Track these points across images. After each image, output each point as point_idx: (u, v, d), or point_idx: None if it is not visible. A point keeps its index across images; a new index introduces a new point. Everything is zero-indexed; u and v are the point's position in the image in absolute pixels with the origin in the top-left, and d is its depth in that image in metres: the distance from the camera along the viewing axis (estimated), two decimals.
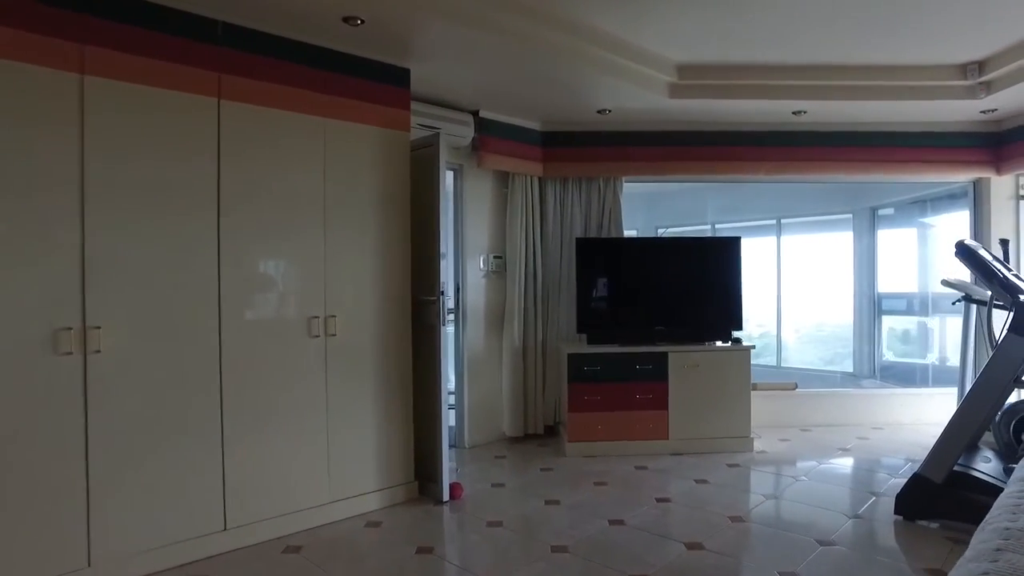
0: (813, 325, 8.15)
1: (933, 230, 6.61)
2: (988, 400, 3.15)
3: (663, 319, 4.91)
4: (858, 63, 4.43)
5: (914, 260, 6.97)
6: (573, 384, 4.65)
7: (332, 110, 3.37)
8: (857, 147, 5.25)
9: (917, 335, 6.96)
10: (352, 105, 3.46)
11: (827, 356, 8.08)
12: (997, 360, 3.10)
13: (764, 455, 4.60)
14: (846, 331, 7.72)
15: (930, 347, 6.73)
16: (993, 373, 3.11)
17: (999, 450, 3.99)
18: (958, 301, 4.69)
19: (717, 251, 5.06)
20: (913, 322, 6.99)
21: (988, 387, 3.13)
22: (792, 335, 7.95)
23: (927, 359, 6.69)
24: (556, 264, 5.26)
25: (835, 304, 7.60)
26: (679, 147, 5.23)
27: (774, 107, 4.79)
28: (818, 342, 8.21)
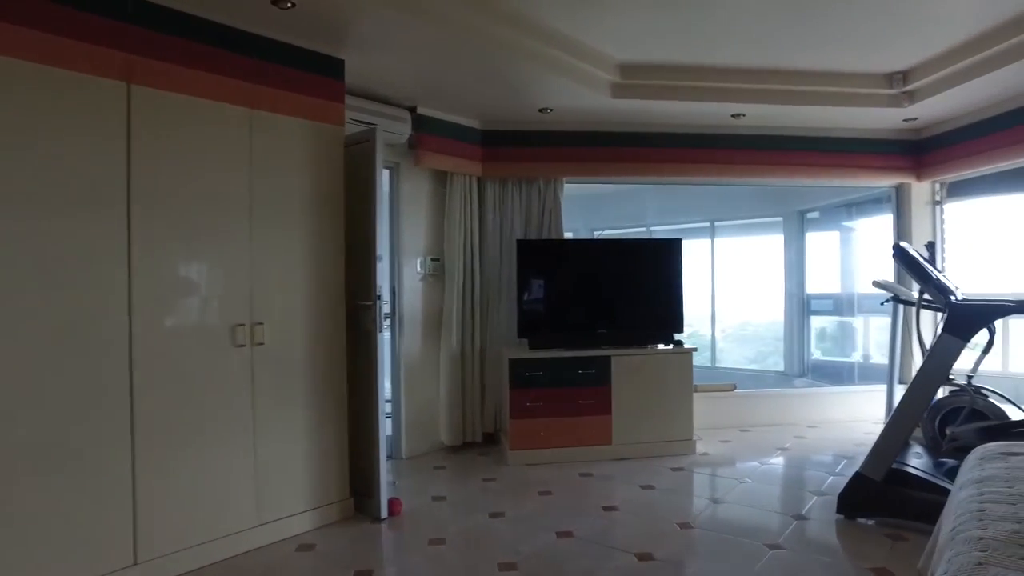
0: (738, 324, 8.34)
1: (857, 233, 6.86)
2: (924, 398, 3.23)
3: (605, 322, 4.86)
4: (793, 68, 4.51)
5: (840, 262, 7.22)
6: (515, 390, 4.53)
7: (259, 101, 3.12)
8: (791, 151, 5.37)
9: (843, 334, 7.21)
10: (281, 96, 3.22)
11: (751, 355, 8.29)
12: (932, 359, 3.18)
13: (707, 457, 4.61)
14: (770, 330, 7.94)
15: (855, 346, 6.98)
16: (928, 372, 3.19)
17: (926, 445, 4.14)
18: (886, 301, 4.85)
19: (658, 253, 5.05)
20: (840, 322, 7.23)
21: (924, 386, 3.20)
22: (719, 335, 8.11)
23: (853, 357, 6.93)
24: (496, 267, 5.13)
25: (765, 305, 7.81)
26: (620, 148, 5.21)
27: (714, 109, 4.82)
28: (743, 341, 8.41)
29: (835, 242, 7.29)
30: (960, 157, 5.14)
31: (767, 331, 8.16)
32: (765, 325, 8.16)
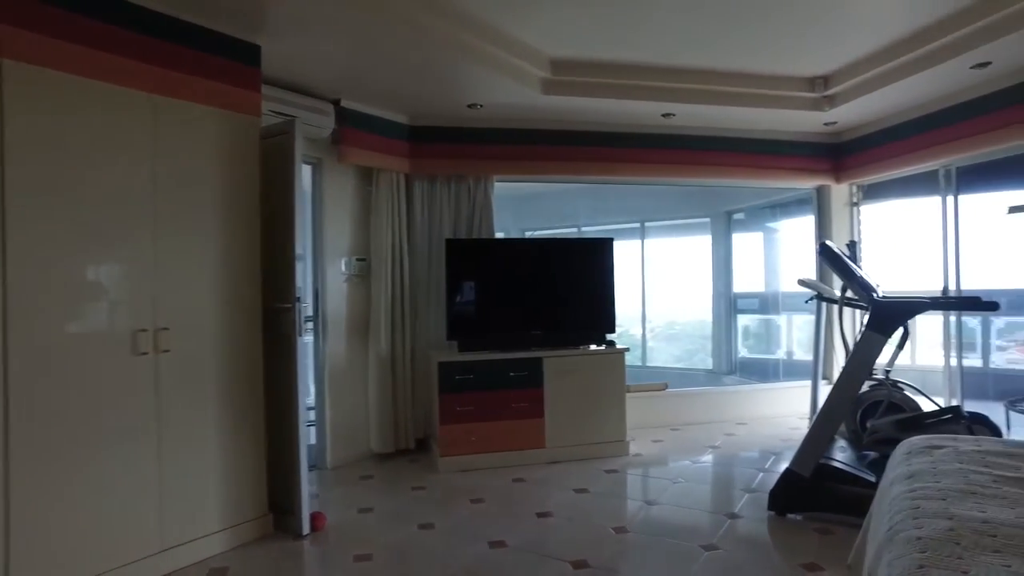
0: (666, 323, 8.47)
1: (781, 233, 7.08)
2: (850, 394, 3.30)
3: (537, 323, 4.79)
4: (723, 69, 4.57)
5: (765, 261, 7.44)
6: (444, 394, 4.40)
7: (164, 86, 2.87)
8: (720, 151, 5.46)
9: (768, 332, 7.42)
10: (190, 82, 2.98)
11: (679, 353, 8.44)
12: (857, 356, 3.25)
13: (640, 458, 4.60)
14: (697, 328, 8.10)
15: (780, 343, 7.20)
16: (853, 368, 3.26)
17: (849, 438, 4.26)
18: (811, 300, 4.99)
19: (590, 253, 5.01)
20: (765, 320, 7.44)
21: (849, 381, 3.27)
22: (648, 334, 8.20)
23: (778, 354, 7.14)
24: (425, 267, 4.98)
25: (693, 304, 7.96)
26: (551, 146, 5.15)
27: (645, 108, 4.83)
28: (670, 339, 8.55)
29: (760, 242, 7.51)
30: (875, 161, 5.35)
31: (694, 329, 8.33)
32: (692, 324, 8.33)
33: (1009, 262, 5.25)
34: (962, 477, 1.87)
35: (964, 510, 1.60)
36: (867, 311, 3.53)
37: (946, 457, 2.08)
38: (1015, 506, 1.66)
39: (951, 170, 4.86)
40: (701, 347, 8.27)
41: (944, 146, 4.71)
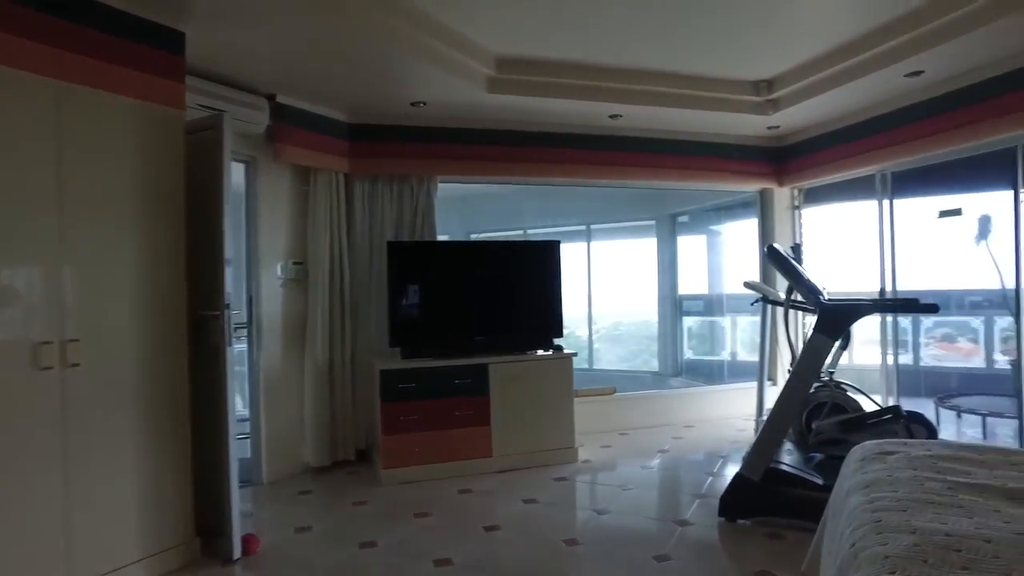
0: (610, 325, 8.48)
1: (724, 236, 7.17)
2: (799, 396, 3.30)
3: (483, 328, 4.66)
4: (669, 70, 4.55)
5: (709, 264, 7.52)
6: (386, 404, 4.22)
7: (72, 71, 2.61)
8: (666, 154, 5.46)
9: (713, 334, 7.51)
10: (103, 69, 2.72)
11: (623, 353, 8.46)
12: (805, 358, 3.25)
13: (589, 464, 4.53)
14: (640, 329, 8.14)
15: (725, 345, 7.28)
16: (802, 371, 3.26)
17: (795, 440, 4.29)
18: (756, 302, 5.03)
19: (536, 256, 4.91)
20: (710, 322, 7.52)
21: (798, 384, 3.27)
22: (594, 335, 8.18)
23: (722, 356, 7.22)
24: (365, 271, 4.79)
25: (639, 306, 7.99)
26: (497, 146, 5.04)
27: (591, 109, 4.77)
28: (615, 341, 8.56)
29: (704, 245, 7.58)
30: (816, 165, 5.45)
31: (638, 330, 8.36)
32: (636, 324, 8.36)
33: (939, 264, 5.43)
34: (918, 485, 1.84)
35: (926, 522, 1.56)
36: (813, 314, 3.55)
37: (900, 464, 2.05)
38: (972, 515, 1.63)
39: (887, 175, 4.98)
40: (645, 348, 8.31)
41: (880, 151, 4.82)
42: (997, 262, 5.66)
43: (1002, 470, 1.99)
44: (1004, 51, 3.85)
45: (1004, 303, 5.65)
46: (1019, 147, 4.17)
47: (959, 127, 4.26)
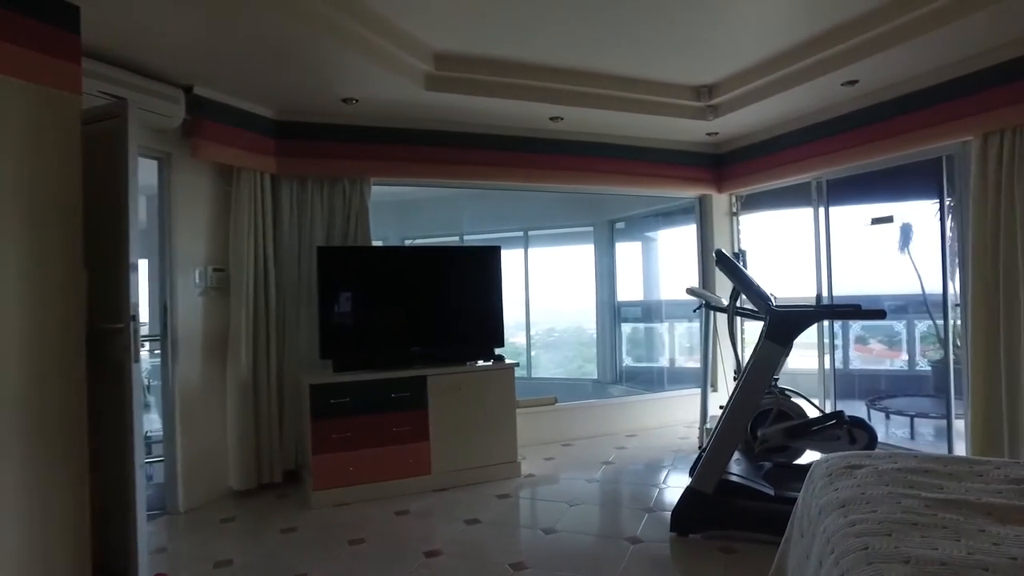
0: (544, 330, 8.35)
1: (662, 242, 7.14)
2: (751, 406, 3.20)
3: (420, 339, 4.40)
4: (611, 72, 4.44)
5: (648, 270, 7.49)
6: (317, 421, 3.90)
7: None
8: (607, 158, 5.35)
9: (652, 340, 7.47)
10: None
11: (558, 359, 8.33)
12: (756, 367, 3.16)
13: (533, 479, 4.33)
14: (574, 335, 8.05)
15: (663, 351, 7.25)
16: (753, 381, 3.16)
17: (741, 448, 4.21)
18: (698, 308, 4.97)
19: (476, 262, 4.69)
20: (648, 328, 7.48)
21: (750, 393, 3.17)
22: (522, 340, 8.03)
23: (661, 363, 7.18)
24: (294, 278, 4.46)
25: (574, 312, 7.91)
26: (434, 147, 4.80)
27: (532, 111, 4.60)
28: (549, 347, 8.43)
29: (643, 251, 7.55)
30: (754, 172, 5.46)
31: (572, 336, 8.26)
32: (570, 331, 8.25)
33: (871, 270, 5.54)
34: (895, 503, 1.73)
35: (916, 547, 1.43)
36: (763, 321, 3.47)
37: (870, 479, 1.94)
38: (959, 536, 1.51)
39: (823, 183, 5.02)
40: (579, 353, 8.22)
41: (816, 159, 4.85)
42: (918, 268, 5.85)
43: (970, 482, 1.91)
44: (932, 64, 3.91)
45: (925, 307, 5.84)
46: (944, 158, 4.26)
47: (890, 137, 4.31)
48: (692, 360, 6.95)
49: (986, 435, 3.82)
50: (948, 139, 4.02)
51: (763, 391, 3.20)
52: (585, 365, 8.14)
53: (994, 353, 3.77)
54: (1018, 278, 3.62)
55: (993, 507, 1.68)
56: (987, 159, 3.78)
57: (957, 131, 3.93)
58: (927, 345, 6.37)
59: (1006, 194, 3.69)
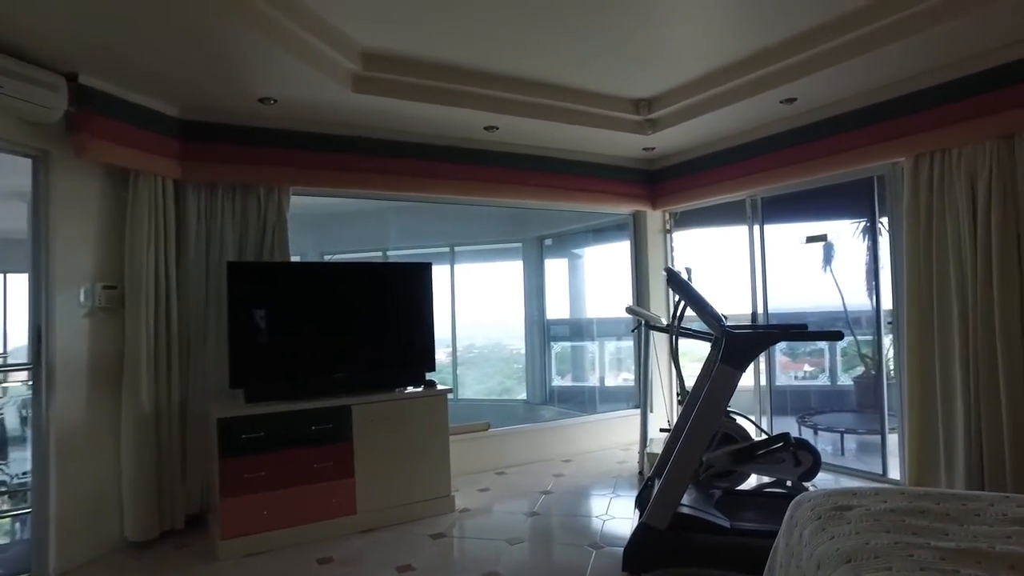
0: (464, 347, 8.04)
1: (594, 259, 7.00)
2: (707, 434, 2.99)
3: (344, 364, 3.98)
4: (550, 81, 4.22)
5: (577, 288, 7.32)
6: (226, 459, 3.41)
7: None
8: (544, 172, 5.12)
9: (582, 359, 7.29)
10: None
11: (478, 375, 8.03)
12: (712, 393, 2.96)
13: (468, 514, 3.98)
14: (495, 351, 7.79)
15: (594, 370, 7.08)
16: (710, 407, 2.96)
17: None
18: (636, 328, 4.79)
19: (405, 280, 4.31)
20: (579, 347, 7.30)
21: (706, 421, 2.96)
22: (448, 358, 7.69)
23: (592, 382, 7.00)
24: (201, 297, 3.95)
25: (498, 328, 7.66)
26: (361, 156, 4.42)
27: (466, 119, 4.31)
28: (470, 364, 8.13)
29: (573, 268, 7.38)
30: (689, 188, 5.37)
31: (492, 352, 7.98)
32: (490, 347, 7.98)
33: (801, 287, 5.57)
34: (907, 557, 1.52)
35: None
36: (711, 342, 3.30)
37: (866, 523, 1.74)
38: None
39: (758, 200, 4.98)
40: (499, 369, 7.94)
41: (752, 177, 4.80)
42: (840, 286, 5.94)
43: (972, 524, 1.74)
44: (867, 84, 3.92)
45: (847, 324, 5.94)
46: (875, 178, 4.29)
47: (825, 156, 4.30)
48: (623, 379, 6.81)
49: (922, 454, 3.81)
50: (881, 160, 4.03)
51: (720, 418, 3.01)
52: (506, 381, 7.87)
53: (929, 371, 3.76)
54: (951, 297, 3.62)
55: (1011, 557, 1.50)
56: (919, 180, 3.80)
57: (890, 152, 3.94)
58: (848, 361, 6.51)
59: (937, 214, 3.70)
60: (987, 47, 3.40)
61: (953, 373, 3.62)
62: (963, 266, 3.57)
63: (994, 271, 3.41)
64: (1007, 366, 3.36)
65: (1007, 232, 3.40)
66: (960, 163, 3.59)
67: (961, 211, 3.57)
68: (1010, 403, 3.35)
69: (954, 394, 3.62)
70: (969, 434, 3.51)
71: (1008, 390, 3.35)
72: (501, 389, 7.85)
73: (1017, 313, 3.37)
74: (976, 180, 3.53)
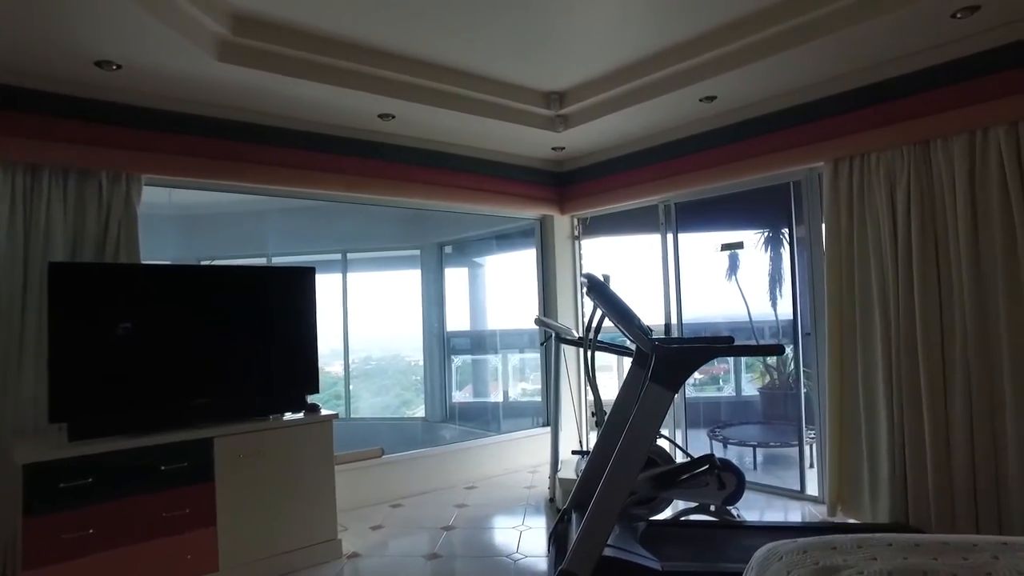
0: (360, 359, 7.39)
1: (497, 267, 6.55)
2: (635, 467, 2.57)
3: (206, 388, 3.26)
4: (455, 66, 3.72)
5: (479, 298, 6.84)
6: (36, 518, 2.61)
7: None
8: (445, 170, 4.60)
9: (485, 374, 6.80)
10: None
11: (375, 388, 7.38)
12: (641, 419, 2.54)
13: (359, 560, 3.35)
14: (392, 364, 7.21)
15: (497, 385, 6.61)
16: (638, 435, 2.54)
17: None
18: (546, 341, 4.37)
19: (282, 287, 3.62)
20: (481, 360, 6.82)
21: (634, 452, 2.54)
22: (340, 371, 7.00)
23: (495, 398, 6.53)
24: (15, 306, 3.11)
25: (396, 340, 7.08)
26: (230, 142, 3.72)
27: (359, 103, 3.73)
28: (366, 376, 7.47)
29: (474, 277, 6.90)
30: (598, 192, 5.03)
31: (389, 365, 7.37)
32: (388, 359, 7.36)
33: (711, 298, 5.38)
34: None
35: None
36: (640, 358, 2.91)
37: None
38: None
39: (671, 205, 4.70)
40: (396, 381, 7.32)
41: (666, 180, 4.51)
42: (745, 295, 5.83)
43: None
44: (788, 85, 3.71)
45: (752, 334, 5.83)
46: (792, 184, 4.11)
47: (743, 160, 4.07)
48: (528, 395, 6.39)
49: (843, 472, 3.60)
50: (802, 164, 3.84)
51: (649, 446, 2.60)
52: (404, 393, 7.26)
53: (851, 384, 3.56)
54: (873, 305, 3.44)
55: None
56: (839, 185, 3.62)
57: (810, 156, 3.75)
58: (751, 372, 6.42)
59: (858, 220, 3.53)
60: (905, 51, 3.26)
61: (876, 384, 3.43)
62: (884, 272, 3.40)
63: (915, 278, 3.25)
64: (928, 369, 3.19)
65: (926, 239, 3.25)
66: (879, 168, 3.43)
67: (882, 217, 3.40)
68: (932, 417, 3.18)
69: (877, 407, 3.43)
70: (893, 448, 3.32)
71: (930, 401, 3.18)
72: (399, 403, 7.23)
73: (937, 319, 3.22)
74: (895, 185, 3.37)
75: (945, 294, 3.21)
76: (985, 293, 3.09)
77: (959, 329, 3.14)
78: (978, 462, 3.08)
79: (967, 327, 3.11)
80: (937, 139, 3.23)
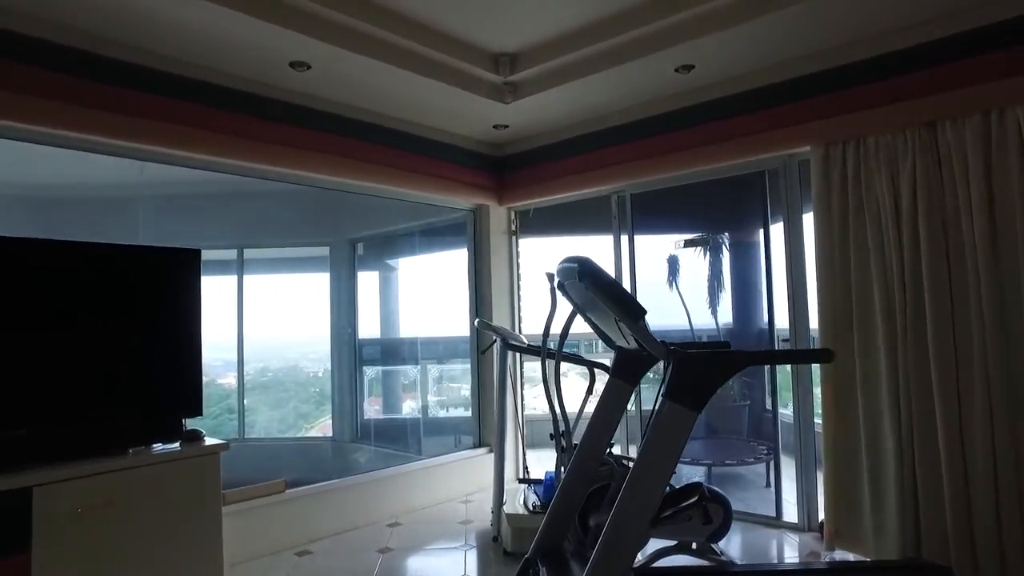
0: (257, 370, 6.33)
1: (422, 267, 5.72)
2: (649, 511, 1.85)
3: (30, 414, 2.23)
4: (388, 6, 2.90)
5: (395, 303, 5.96)
6: None
7: None
8: (367, 143, 3.74)
9: (402, 386, 5.92)
10: None
11: (271, 401, 6.33)
12: (657, 448, 1.84)
13: None
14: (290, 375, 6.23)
15: (417, 399, 5.75)
16: (655, 468, 1.83)
17: (574, 551, 2.88)
18: (489, 348, 3.62)
19: (153, 275, 2.65)
20: (398, 371, 5.94)
21: (647, 493, 1.83)
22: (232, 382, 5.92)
23: (416, 413, 5.66)
24: None
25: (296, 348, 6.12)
26: (89, 82, 2.70)
27: (266, 43, 2.83)
28: (264, 389, 6.41)
29: (392, 279, 6.01)
30: (541, 181, 4.34)
31: (287, 376, 6.35)
32: (286, 370, 6.35)
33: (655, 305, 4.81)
34: None
35: None
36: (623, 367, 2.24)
37: None
38: None
39: (625, 196, 4.07)
40: (295, 394, 6.31)
41: (623, 166, 3.89)
42: (686, 302, 5.32)
43: None
44: (776, 55, 3.19)
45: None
46: (767, 172, 3.60)
47: (712, 144, 3.52)
48: (453, 409, 5.59)
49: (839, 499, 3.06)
50: (786, 148, 3.32)
51: (666, 484, 1.90)
52: (302, 406, 6.24)
53: (847, 397, 3.04)
54: (874, 308, 2.94)
55: None
56: (830, 173, 3.11)
57: (795, 139, 3.24)
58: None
59: (854, 213, 3.03)
60: (912, 20, 2.81)
61: (879, 396, 2.91)
62: (887, 272, 2.91)
63: (924, 276, 2.78)
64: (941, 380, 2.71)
65: (934, 235, 2.79)
66: (879, 153, 2.95)
67: (883, 208, 2.92)
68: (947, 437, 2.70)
69: (880, 421, 2.91)
70: (901, 471, 2.82)
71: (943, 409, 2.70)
72: (296, 415, 6.20)
73: (949, 321, 2.76)
74: (898, 173, 2.90)
75: (958, 295, 2.75)
76: (1005, 295, 2.65)
77: (976, 333, 2.68)
78: (1001, 485, 2.61)
79: (985, 329, 2.65)
80: (946, 120, 2.78)
